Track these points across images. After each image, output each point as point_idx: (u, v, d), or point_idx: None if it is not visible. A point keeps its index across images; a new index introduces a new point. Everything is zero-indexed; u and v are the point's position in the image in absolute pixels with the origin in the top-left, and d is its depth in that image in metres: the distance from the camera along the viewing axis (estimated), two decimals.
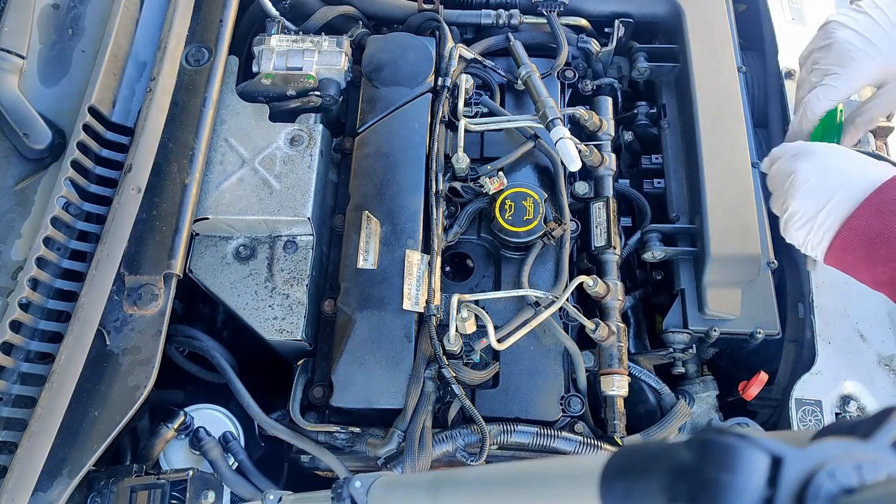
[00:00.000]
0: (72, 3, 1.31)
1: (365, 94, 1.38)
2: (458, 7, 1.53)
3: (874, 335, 1.33)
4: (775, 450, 0.38)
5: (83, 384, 1.05)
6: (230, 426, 1.23)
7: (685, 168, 1.41)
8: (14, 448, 0.99)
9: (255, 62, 1.38)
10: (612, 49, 1.51)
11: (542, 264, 1.29)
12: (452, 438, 1.12)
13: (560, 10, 1.50)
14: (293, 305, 1.22)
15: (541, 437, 1.13)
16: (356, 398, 1.14)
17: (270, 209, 1.23)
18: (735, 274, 1.28)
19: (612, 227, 1.30)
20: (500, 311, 1.24)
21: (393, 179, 1.29)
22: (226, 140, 1.30)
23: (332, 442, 1.17)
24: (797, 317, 1.39)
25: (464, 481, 0.69)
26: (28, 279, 1.06)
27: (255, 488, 1.16)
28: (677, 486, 0.41)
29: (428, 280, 1.21)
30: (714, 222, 1.28)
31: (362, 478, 0.81)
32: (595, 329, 1.19)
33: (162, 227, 1.18)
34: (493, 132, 1.40)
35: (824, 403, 1.27)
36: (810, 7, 1.65)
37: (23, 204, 1.15)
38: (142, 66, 1.31)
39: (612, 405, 1.19)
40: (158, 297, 1.14)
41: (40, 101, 1.21)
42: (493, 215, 1.28)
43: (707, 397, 1.32)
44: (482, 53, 1.47)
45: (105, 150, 1.21)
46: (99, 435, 1.04)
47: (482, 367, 1.19)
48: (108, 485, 1.07)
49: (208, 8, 1.38)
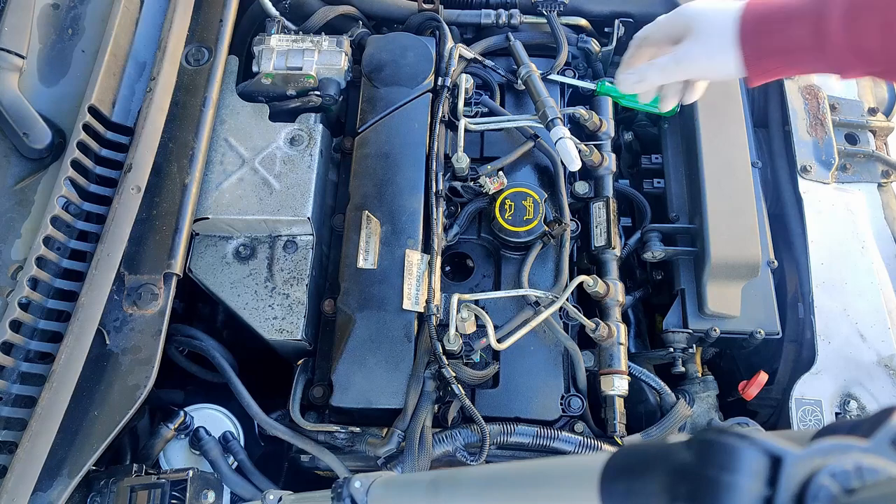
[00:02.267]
0: (72, 3, 1.31)
1: (365, 94, 1.38)
2: (458, 7, 1.53)
3: (874, 335, 1.33)
4: (775, 450, 0.38)
5: (83, 384, 1.05)
6: (230, 426, 1.23)
7: (685, 168, 1.41)
8: (14, 448, 0.99)
9: (255, 62, 1.38)
10: (612, 49, 1.52)
11: (542, 264, 1.29)
12: (452, 438, 1.12)
13: (560, 10, 1.50)
14: (293, 305, 1.22)
15: (541, 437, 1.13)
16: (356, 398, 1.14)
17: (270, 209, 1.23)
18: (735, 274, 1.28)
19: (612, 226, 1.30)
20: (500, 311, 1.24)
21: (393, 179, 1.29)
22: (226, 140, 1.30)
23: (332, 442, 1.17)
24: (797, 317, 1.39)
25: (464, 481, 0.69)
26: (28, 279, 1.06)
27: (255, 488, 1.16)
28: (677, 486, 0.41)
29: (428, 280, 1.22)
30: (714, 222, 1.28)
31: (362, 478, 0.81)
32: (595, 329, 1.19)
33: (162, 227, 1.18)
34: (493, 132, 1.40)
35: (824, 403, 1.27)
36: None
37: (23, 203, 1.15)
38: (142, 66, 1.31)
39: (612, 405, 1.19)
40: (158, 296, 1.14)
41: (40, 100, 1.21)
42: (493, 215, 1.28)
43: (707, 397, 1.32)
44: (482, 53, 1.47)
45: (105, 150, 1.21)
46: (99, 435, 1.04)
47: (482, 366, 1.19)
48: (108, 484, 1.07)
49: (208, 8, 1.38)
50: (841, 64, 0.88)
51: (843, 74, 0.91)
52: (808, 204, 1.44)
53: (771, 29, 0.90)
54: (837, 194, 1.46)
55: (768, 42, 0.90)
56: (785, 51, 0.90)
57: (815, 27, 0.86)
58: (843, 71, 0.89)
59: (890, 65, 0.85)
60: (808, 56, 0.89)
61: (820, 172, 1.47)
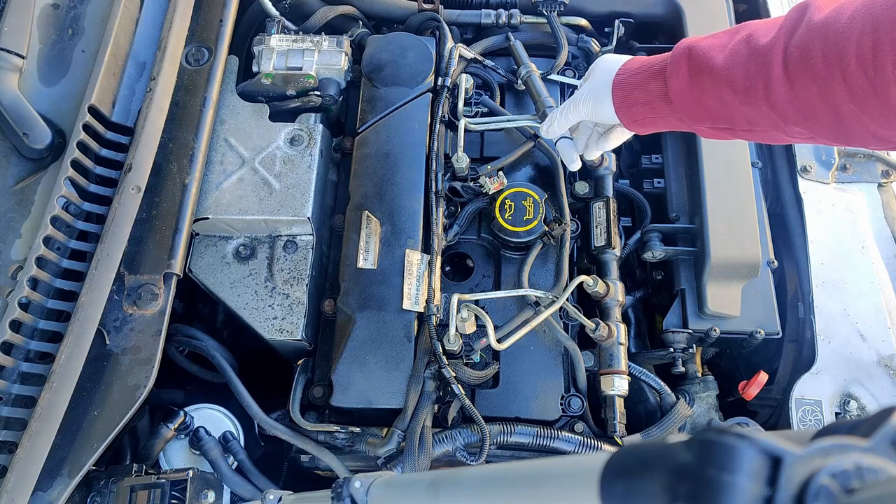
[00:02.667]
0: (72, 3, 1.31)
1: (365, 94, 1.38)
2: (458, 7, 1.53)
3: (874, 335, 1.33)
4: (775, 450, 0.38)
5: (83, 384, 1.05)
6: (230, 426, 1.23)
7: (685, 168, 1.41)
8: (14, 448, 0.99)
9: (255, 62, 1.38)
10: (612, 49, 1.51)
11: (542, 264, 1.29)
12: (452, 438, 1.12)
13: (560, 10, 1.50)
14: (293, 305, 1.22)
15: (541, 437, 1.13)
16: (356, 398, 1.14)
17: (270, 209, 1.23)
18: (735, 274, 1.28)
19: (612, 226, 1.30)
20: (500, 311, 1.24)
21: (393, 179, 1.29)
22: (226, 140, 1.30)
23: (332, 442, 1.17)
24: (797, 317, 1.39)
25: (464, 481, 0.69)
26: (28, 279, 1.06)
27: (255, 488, 1.16)
28: (677, 486, 0.41)
29: (428, 280, 1.22)
30: (714, 222, 1.28)
31: (362, 478, 0.81)
32: (595, 329, 1.19)
33: (162, 227, 1.18)
34: (493, 132, 1.40)
35: (824, 403, 1.27)
36: None
37: (23, 203, 1.15)
38: (142, 66, 1.31)
39: (612, 405, 1.19)
40: (158, 296, 1.14)
41: (40, 100, 1.21)
42: (493, 215, 1.28)
43: (707, 397, 1.32)
44: (482, 53, 1.47)
45: (105, 150, 1.21)
46: (99, 435, 1.04)
47: (482, 366, 1.19)
48: (108, 484, 1.07)
49: (208, 8, 1.38)
50: (693, 120, 0.97)
51: (700, 131, 1.01)
52: (808, 204, 1.44)
53: (632, 82, 1.01)
54: (837, 194, 1.46)
55: (631, 94, 1.01)
56: (646, 102, 1.00)
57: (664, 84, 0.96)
58: (699, 127, 0.99)
59: (733, 125, 0.93)
60: (663, 109, 0.98)
61: (820, 172, 1.47)
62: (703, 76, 0.91)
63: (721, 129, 0.96)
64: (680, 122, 0.99)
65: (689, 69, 0.92)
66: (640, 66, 1.01)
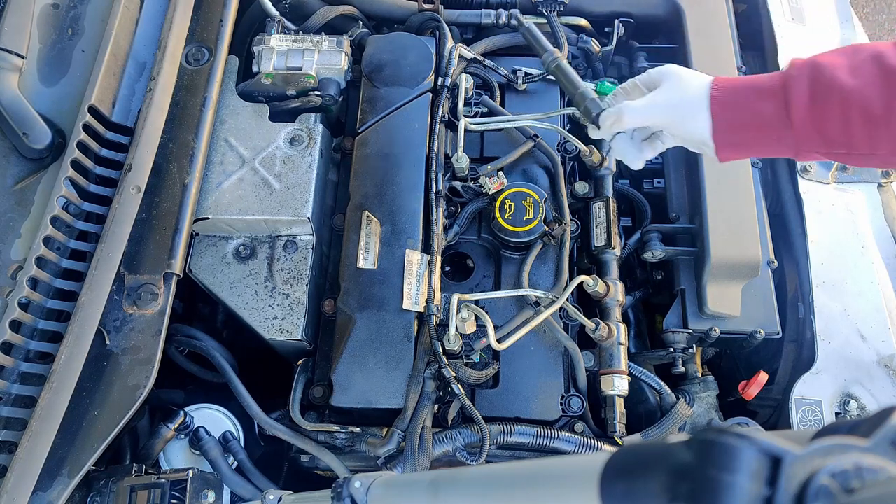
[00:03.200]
0: (72, 3, 1.31)
1: (365, 94, 1.38)
2: (458, 7, 1.53)
3: (874, 335, 1.33)
4: (775, 450, 0.38)
5: (83, 384, 1.05)
6: (230, 426, 1.23)
7: (685, 168, 1.41)
8: (14, 448, 0.99)
9: (255, 62, 1.38)
10: (612, 49, 1.51)
11: (542, 264, 1.29)
12: (452, 438, 1.12)
13: (560, 10, 1.50)
14: (293, 305, 1.22)
15: (541, 437, 1.13)
16: (356, 398, 1.14)
17: (270, 209, 1.23)
18: (735, 274, 1.28)
19: (612, 226, 1.30)
20: (500, 311, 1.24)
21: (393, 179, 1.29)
22: (226, 140, 1.30)
23: (332, 442, 1.17)
24: (797, 317, 1.39)
25: (463, 481, 0.69)
26: (28, 279, 1.06)
27: (255, 488, 1.16)
28: (677, 486, 0.41)
29: (428, 280, 1.22)
30: (714, 222, 1.28)
31: (362, 478, 0.81)
32: (595, 329, 1.19)
33: (162, 227, 1.18)
34: (493, 132, 1.40)
35: (824, 403, 1.27)
36: (810, 7, 1.66)
37: (23, 204, 1.15)
38: (142, 66, 1.31)
39: (612, 405, 1.19)
40: (158, 296, 1.14)
41: (40, 100, 1.21)
42: (493, 215, 1.28)
43: (707, 397, 1.32)
44: (482, 53, 1.47)
45: (105, 150, 1.21)
46: (99, 435, 1.04)
47: (482, 366, 1.19)
48: (108, 484, 1.07)
49: (208, 8, 1.38)
50: (806, 144, 0.90)
51: (803, 156, 0.93)
52: (808, 204, 1.44)
53: (738, 103, 0.92)
54: (837, 194, 1.46)
55: (738, 115, 0.92)
56: (755, 126, 0.91)
57: (783, 105, 0.88)
58: (806, 152, 0.92)
59: (851, 149, 0.87)
60: (774, 133, 0.90)
61: (820, 172, 1.47)
62: (831, 98, 0.84)
63: (835, 154, 0.90)
64: (788, 148, 0.92)
65: (812, 90, 0.86)
66: (742, 85, 0.93)
